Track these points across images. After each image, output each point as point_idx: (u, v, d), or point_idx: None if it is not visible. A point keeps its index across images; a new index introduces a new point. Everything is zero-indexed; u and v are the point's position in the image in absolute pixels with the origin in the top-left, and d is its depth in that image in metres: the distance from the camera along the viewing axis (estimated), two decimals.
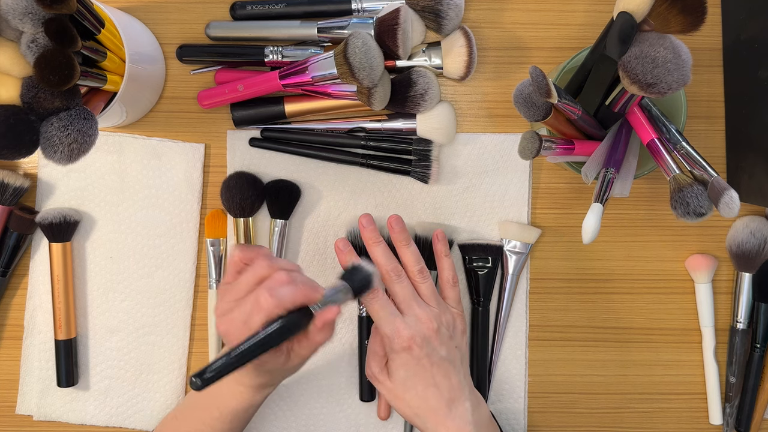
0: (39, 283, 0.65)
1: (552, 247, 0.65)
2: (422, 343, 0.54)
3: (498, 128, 0.65)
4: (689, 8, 0.46)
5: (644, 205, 0.65)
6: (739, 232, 0.63)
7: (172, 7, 0.64)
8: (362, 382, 0.64)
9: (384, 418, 0.64)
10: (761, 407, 0.64)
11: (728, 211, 0.48)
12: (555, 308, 0.66)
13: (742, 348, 0.64)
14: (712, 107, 0.65)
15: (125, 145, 0.64)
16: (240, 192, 0.62)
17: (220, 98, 0.62)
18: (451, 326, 0.58)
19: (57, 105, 0.47)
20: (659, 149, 0.53)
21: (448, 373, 0.55)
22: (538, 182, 0.65)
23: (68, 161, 0.48)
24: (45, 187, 0.64)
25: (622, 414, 0.66)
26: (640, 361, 0.66)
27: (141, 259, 0.64)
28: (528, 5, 0.64)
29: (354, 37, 0.55)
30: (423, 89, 0.60)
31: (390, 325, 0.55)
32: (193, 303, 0.65)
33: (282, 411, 0.65)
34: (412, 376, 0.55)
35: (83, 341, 0.65)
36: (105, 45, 0.54)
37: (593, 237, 0.49)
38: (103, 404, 0.65)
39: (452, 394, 0.55)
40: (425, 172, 0.63)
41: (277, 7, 0.62)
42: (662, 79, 0.46)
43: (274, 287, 0.48)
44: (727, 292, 0.66)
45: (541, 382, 0.66)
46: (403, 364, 0.55)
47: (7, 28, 0.47)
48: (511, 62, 0.65)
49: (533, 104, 0.50)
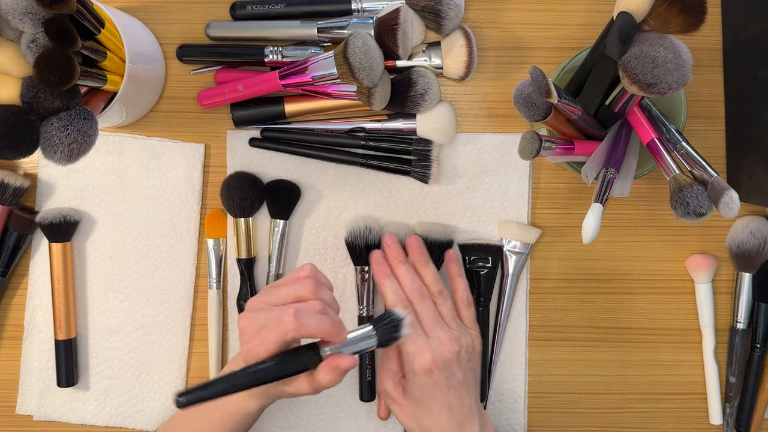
0: (39, 283, 0.65)
1: (552, 247, 0.65)
2: (443, 367, 0.55)
3: (498, 128, 0.65)
4: (689, 8, 0.46)
5: (644, 205, 0.65)
6: (739, 232, 0.63)
7: (172, 7, 0.64)
8: (362, 382, 0.64)
9: (384, 418, 0.64)
10: (761, 407, 0.64)
11: (728, 211, 0.48)
12: (555, 308, 0.66)
13: (742, 348, 0.64)
14: (712, 107, 0.65)
15: (125, 145, 0.64)
16: (240, 192, 0.62)
17: (220, 98, 0.62)
18: (470, 348, 0.58)
19: (57, 105, 0.47)
20: (659, 149, 0.53)
21: (461, 396, 0.55)
22: (538, 182, 0.65)
23: (68, 161, 0.48)
24: (45, 187, 0.64)
25: (622, 414, 0.66)
26: (640, 361, 0.66)
27: (141, 259, 0.64)
28: (528, 5, 0.64)
29: (354, 37, 0.55)
30: (423, 89, 0.60)
31: (414, 344, 0.55)
32: (193, 303, 0.65)
33: (282, 411, 0.65)
34: (428, 398, 0.55)
35: (83, 341, 0.65)
36: (105, 45, 0.54)
37: (593, 237, 0.49)
38: (103, 404, 0.65)
39: (463, 416, 0.55)
40: (425, 172, 0.63)
41: (277, 7, 0.62)
42: (662, 79, 0.46)
43: (302, 310, 0.48)
44: (727, 292, 0.66)
45: (541, 382, 0.66)
46: (420, 386, 0.55)
47: (7, 28, 0.47)
48: (511, 62, 0.65)
49: (533, 104, 0.50)
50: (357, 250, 0.63)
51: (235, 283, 0.65)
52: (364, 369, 0.64)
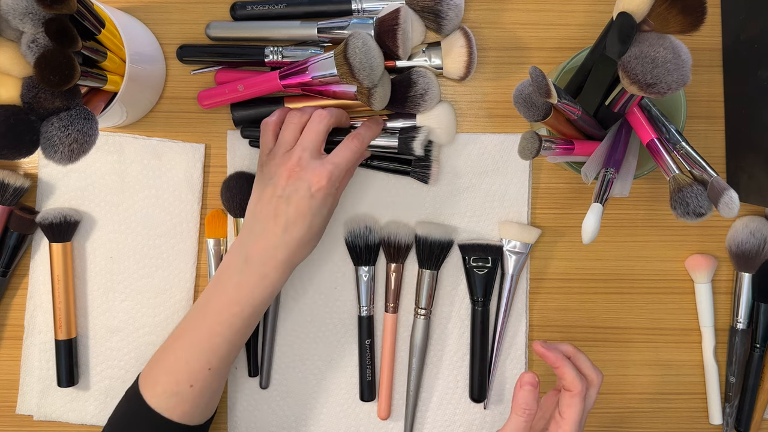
0: (39, 283, 0.65)
1: (552, 247, 0.65)
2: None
3: (498, 128, 0.65)
4: (689, 8, 0.46)
5: (644, 205, 0.65)
6: (738, 232, 0.63)
7: (172, 7, 0.64)
8: (362, 382, 0.64)
9: (384, 418, 0.64)
10: (761, 407, 0.64)
11: (728, 211, 0.48)
12: (555, 308, 0.66)
13: (741, 348, 0.64)
14: (712, 107, 0.65)
15: (125, 145, 0.64)
16: (240, 192, 0.62)
17: (220, 98, 0.62)
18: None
19: (57, 105, 0.47)
20: (659, 149, 0.53)
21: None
22: (538, 182, 0.65)
23: (68, 161, 0.48)
24: (45, 187, 0.65)
25: (622, 414, 0.66)
26: (640, 361, 0.66)
27: (141, 259, 0.65)
28: (528, 5, 0.64)
29: (354, 37, 0.55)
30: (423, 89, 0.60)
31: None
32: (193, 303, 0.65)
33: (282, 410, 0.65)
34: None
35: (83, 341, 0.65)
36: (105, 45, 0.54)
37: (593, 237, 0.49)
38: (104, 404, 0.65)
39: None
40: (425, 173, 0.63)
41: (277, 7, 0.63)
42: (662, 79, 0.46)
43: (323, 113, 0.57)
44: (726, 292, 0.66)
45: (541, 382, 0.65)
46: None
47: (8, 28, 0.47)
48: (511, 62, 0.65)
49: (533, 104, 0.50)
50: (357, 250, 0.63)
51: None
52: (364, 369, 0.64)
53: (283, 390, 0.65)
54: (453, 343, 0.65)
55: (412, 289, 0.65)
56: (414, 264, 0.65)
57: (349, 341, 0.65)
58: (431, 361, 0.65)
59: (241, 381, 0.65)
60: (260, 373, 0.65)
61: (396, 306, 0.64)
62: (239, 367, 0.65)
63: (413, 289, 0.65)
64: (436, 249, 0.63)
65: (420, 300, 0.64)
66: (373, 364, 0.64)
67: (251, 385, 0.65)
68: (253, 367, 0.64)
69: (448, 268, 0.65)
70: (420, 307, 0.64)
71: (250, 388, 0.65)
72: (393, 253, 0.63)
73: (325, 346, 0.65)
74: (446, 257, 0.64)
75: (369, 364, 0.64)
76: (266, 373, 0.64)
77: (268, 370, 0.65)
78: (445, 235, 0.63)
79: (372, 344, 0.64)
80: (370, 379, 0.64)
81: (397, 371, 0.65)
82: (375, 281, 0.64)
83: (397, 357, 0.65)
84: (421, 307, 0.63)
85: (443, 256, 0.63)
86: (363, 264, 0.63)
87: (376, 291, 0.65)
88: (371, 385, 0.64)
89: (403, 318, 0.65)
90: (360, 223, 0.63)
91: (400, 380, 0.65)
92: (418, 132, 0.61)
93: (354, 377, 0.65)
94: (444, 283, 0.65)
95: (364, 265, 0.63)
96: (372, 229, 0.63)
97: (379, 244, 0.64)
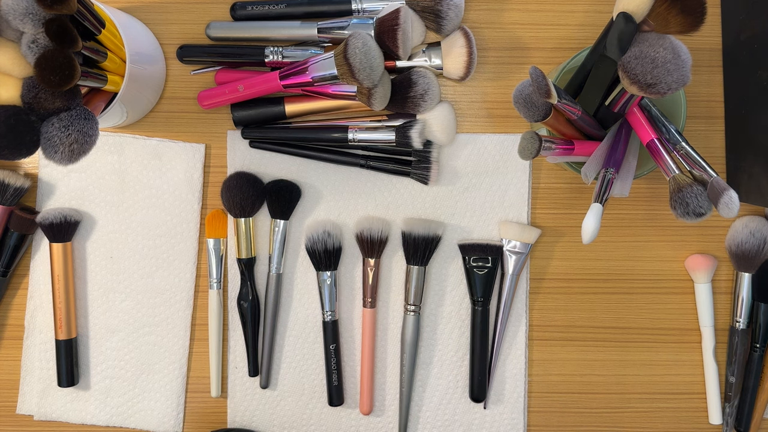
0: (39, 283, 0.65)
1: (552, 247, 0.65)
2: None
3: (498, 128, 0.65)
4: (689, 8, 0.46)
5: (644, 205, 0.65)
6: (738, 232, 0.63)
7: (172, 8, 0.64)
8: (330, 387, 0.64)
9: (366, 413, 0.64)
10: (761, 407, 0.64)
11: (728, 211, 0.48)
12: (555, 308, 0.66)
13: (741, 348, 0.64)
14: (712, 107, 0.65)
15: (126, 145, 0.64)
16: (240, 192, 0.62)
17: (221, 98, 0.62)
18: None
19: (57, 105, 0.47)
20: (659, 149, 0.53)
21: None
22: (538, 182, 0.65)
23: (69, 161, 0.48)
24: (45, 187, 0.65)
25: (622, 414, 0.66)
26: (640, 361, 0.66)
27: (141, 259, 0.65)
28: (528, 5, 0.64)
29: (354, 37, 0.55)
30: (423, 89, 0.60)
31: None
32: (193, 303, 0.65)
33: (282, 410, 0.65)
34: None
35: (84, 341, 0.65)
36: (105, 45, 0.54)
37: (593, 237, 0.49)
38: (104, 404, 0.65)
39: None
40: (425, 174, 0.63)
41: (277, 7, 0.63)
42: (662, 80, 0.46)
43: None
44: (726, 292, 0.66)
45: (541, 382, 0.66)
46: None
47: (8, 29, 0.47)
48: (511, 62, 0.65)
49: (533, 104, 0.50)
50: (317, 255, 0.63)
51: (236, 283, 0.65)
52: (330, 374, 0.64)
53: (283, 390, 0.65)
54: (453, 343, 0.65)
55: (396, 285, 0.65)
56: (402, 260, 0.65)
57: (348, 341, 0.65)
58: (431, 361, 0.65)
59: (241, 381, 0.65)
60: (260, 373, 0.65)
61: (374, 301, 0.64)
62: (239, 367, 0.65)
63: (401, 286, 0.65)
64: (421, 245, 0.62)
65: (409, 296, 0.63)
66: (339, 369, 0.64)
67: (251, 385, 0.65)
68: (253, 367, 0.64)
69: (447, 268, 0.65)
70: (409, 303, 0.63)
71: (250, 388, 0.65)
72: (367, 248, 0.63)
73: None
74: (433, 253, 0.64)
75: (335, 369, 0.63)
76: (266, 373, 0.64)
77: (268, 370, 0.65)
78: (430, 231, 0.63)
79: (338, 348, 0.64)
80: (337, 384, 0.64)
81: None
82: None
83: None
84: (411, 303, 0.63)
85: (429, 251, 0.63)
86: (324, 269, 0.63)
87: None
88: (339, 390, 0.64)
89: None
90: (319, 228, 0.63)
91: (393, 378, 0.65)
92: (415, 123, 0.61)
93: (354, 377, 0.65)
94: (444, 282, 0.65)
95: (325, 270, 0.63)
96: (331, 233, 0.63)
97: (340, 249, 0.64)
